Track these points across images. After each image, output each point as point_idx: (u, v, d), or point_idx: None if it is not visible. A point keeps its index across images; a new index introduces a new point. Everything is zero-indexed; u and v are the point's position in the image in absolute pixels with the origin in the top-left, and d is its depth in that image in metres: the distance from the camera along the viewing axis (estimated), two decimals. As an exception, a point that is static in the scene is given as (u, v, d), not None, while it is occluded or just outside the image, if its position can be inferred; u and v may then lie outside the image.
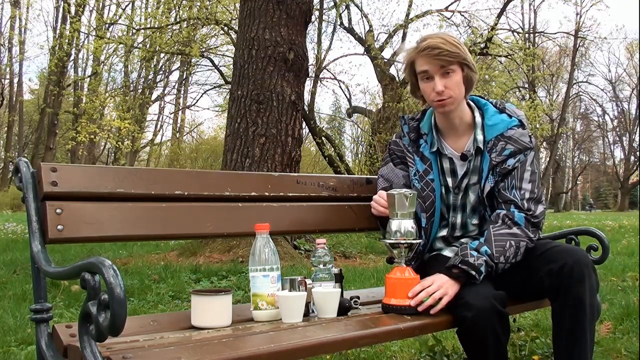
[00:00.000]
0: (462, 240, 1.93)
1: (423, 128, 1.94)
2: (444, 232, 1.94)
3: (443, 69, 1.77)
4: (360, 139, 21.17)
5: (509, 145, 1.83)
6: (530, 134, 1.87)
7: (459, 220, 1.93)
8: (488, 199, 1.86)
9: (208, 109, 45.95)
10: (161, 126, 29.88)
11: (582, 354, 1.68)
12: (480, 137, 1.87)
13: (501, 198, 1.82)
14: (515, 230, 1.76)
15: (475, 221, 1.92)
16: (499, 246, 1.72)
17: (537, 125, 13.77)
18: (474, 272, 1.66)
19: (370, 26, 15.90)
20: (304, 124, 10.29)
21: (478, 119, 1.88)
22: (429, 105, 1.89)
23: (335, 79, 16.47)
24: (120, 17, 17.15)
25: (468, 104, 1.91)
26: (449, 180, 1.90)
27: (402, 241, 1.69)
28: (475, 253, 1.69)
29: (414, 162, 1.92)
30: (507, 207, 1.80)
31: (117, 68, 20.82)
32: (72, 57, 21.37)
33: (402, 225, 1.70)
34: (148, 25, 14.16)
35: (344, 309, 1.67)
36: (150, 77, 22.15)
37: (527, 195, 1.80)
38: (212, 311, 1.55)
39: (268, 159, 5.92)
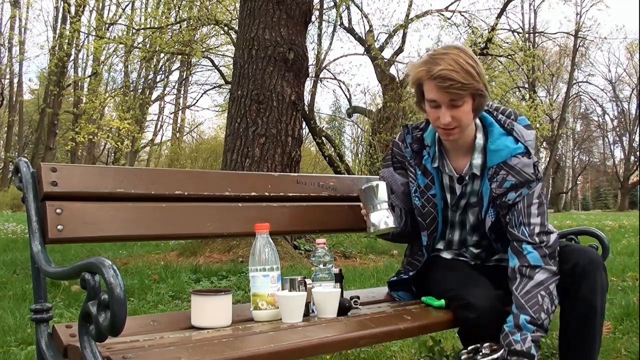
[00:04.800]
0: (467, 255, 1.90)
1: (427, 139, 1.84)
2: (440, 245, 1.93)
3: (453, 101, 1.65)
4: (360, 139, 21.15)
5: (510, 176, 1.71)
6: (536, 162, 1.74)
7: (456, 237, 1.90)
8: (492, 231, 1.79)
9: (208, 109, 46.01)
10: (161, 126, 29.92)
11: (589, 354, 1.68)
12: (478, 161, 1.76)
13: (511, 236, 1.73)
14: (538, 276, 1.64)
15: (475, 238, 1.88)
16: (533, 305, 1.61)
17: (537, 125, 13.76)
18: None
19: (371, 26, 15.91)
20: (304, 124, 10.29)
21: (480, 140, 1.77)
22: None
23: (335, 79, 16.50)
24: (120, 17, 17.18)
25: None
26: (448, 197, 1.85)
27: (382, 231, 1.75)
28: (517, 336, 1.58)
29: (415, 177, 1.85)
30: (518, 246, 1.69)
31: (117, 68, 20.84)
32: (72, 57, 21.37)
33: (377, 219, 1.74)
34: (148, 25, 14.15)
35: (344, 309, 1.67)
36: (150, 77, 22.15)
37: (536, 230, 1.69)
38: (212, 311, 1.55)
39: (268, 159, 5.92)
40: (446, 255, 1.92)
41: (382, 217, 1.75)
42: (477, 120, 1.79)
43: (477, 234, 1.86)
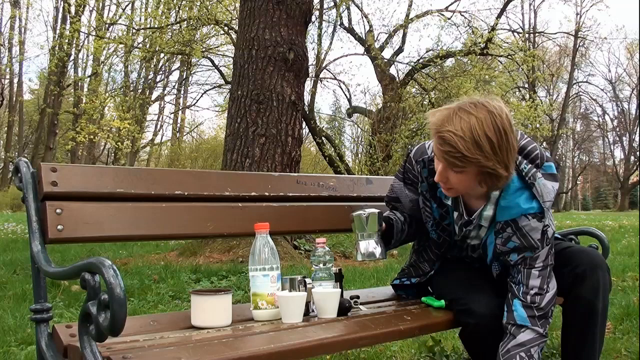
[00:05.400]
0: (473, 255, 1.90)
1: None
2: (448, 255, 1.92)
3: (450, 166, 1.50)
4: (360, 139, 21.17)
5: (515, 237, 1.61)
6: (546, 226, 1.61)
7: (462, 254, 1.89)
8: (499, 275, 1.76)
9: (208, 109, 46.01)
10: (161, 126, 29.92)
11: (591, 355, 1.68)
12: (489, 212, 1.65)
13: (508, 288, 1.68)
14: (521, 337, 1.57)
15: (476, 265, 1.86)
16: None
17: (537, 125, 13.76)
18: None
19: (371, 26, 15.92)
20: (304, 124, 10.29)
21: (495, 193, 1.62)
22: None
23: (335, 79, 16.52)
24: (120, 17, 17.17)
25: None
26: (456, 229, 1.79)
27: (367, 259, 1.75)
28: None
29: (431, 211, 1.77)
30: (510, 300, 1.64)
31: (117, 68, 20.82)
32: (72, 57, 21.36)
33: (363, 247, 1.75)
34: (148, 25, 14.16)
35: (344, 309, 1.66)
36: (150, 77, 22.17)
37: (532, 292, 1.62)
38: (212, 311, 1.55)
39: (268, 159, 5.91)
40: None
41: (369, 248, 1.76)
42: None
43: (477, 265, 1.85)
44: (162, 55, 17.15)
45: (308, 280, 1.70)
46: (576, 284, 1.65)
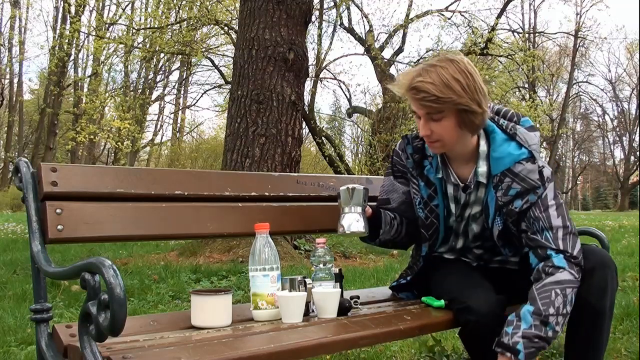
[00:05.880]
0: (469, 256, 1.90)
1: (428, 149, 1.79)
2: (443, 249, 1.92)
3: (430, 114, 1.61)
4: (360, 139, 21.17)
5: (515, 184, 1.67)
6: (541, 166, 1.68)
7: (460, 244, 1.89)
8: (499, 238, 1.77)
9: (208, 109, 46.00)
10: (161, 126, 29.90)
11: (595, 355, 1.67)
12: (483, 168, 1.72)
13: (533, 243, 1.67)
14: (558, 275, 1.59)
15: (477, 243, 1.87)
16: (543, 298, 1.57)
17: (537, 125, 13.77)
18: (509, 354, 1.53)
19: (371, 26, 15.93)
20: (304, 124, 10.29)
21: (483, 147, 1.71)
22: None
23: (336, 79, 16.53)
24: (120, 17, 17.18)
25: None
26: (452, 207, 1.82)
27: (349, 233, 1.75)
28: (510, 329, 1.55)
29: (418, 189, 1.82)
30: (542, 253, 1.64)
31: (117, 68, 20.79)
32: (72, 57, 21.36)
33: (346, 221, 1.75)
34: (148, 25, 14.16)
35: (344, 309, 1.66)
36: (150, 77, 22.16)
37: (560, 234, 1.64)
38: (212, 311, 1.55)
39: (268, 159, 5.92)
40: (448, 255, 1.91)
41: (352, 221, 1.74)
42: None
43: (480, 241, 1.85)
44: (162, 55, 17.16)
45: (308, 280, 1.71)
46: (583, 283, 1.64)
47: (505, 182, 1.68)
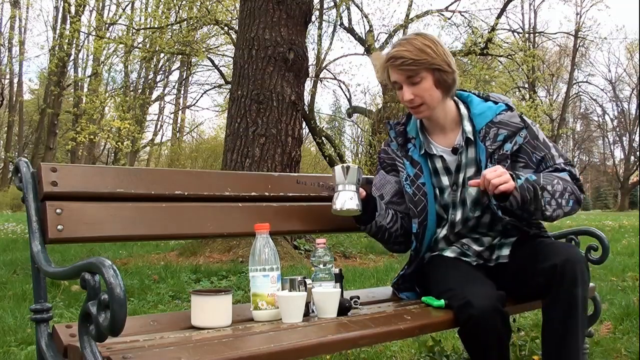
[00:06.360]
0: (463, 240, 1.91)
1: (410, 132, 1.92)
2: (444, 232, 1.92)
3: (410, 78, 1.77)
4: (360, 139, 21.19)
5: (501, 130, 1.81)
6: (520, 114, 1.87)
7: (459, 216, 1.89)
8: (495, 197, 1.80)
9: (208, 109, 46.01)
10: (161, 126, 29.89)
11: (573, 347, 1.67)
12: (468, 127, 1.85)
13: (536, 167, 1.83)
14: (563, 174, 1.79)
15: (477, 214, 1.88)
16: (546, 178, 1.74)
17: (537, 125, 13.76)
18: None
19: (371, 26, 15.92)
20: (304, 124, 10.29)
21: (464, 110, 1.88)
22: None
23: (336, 79, 16.55)
24: (120, 17, 17.17)
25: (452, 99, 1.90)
26: (444, 179, 1.88)
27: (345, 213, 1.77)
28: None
29: (404, 167, 1.90)
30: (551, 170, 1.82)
31: (117, 68, 20.81)
32: (72, 57, 21.37)
33: (340, 199, 1.77)
34: (148, 25, 14.16)
35: (344, 309, 1.66)
36: (150, 77, 22.16)
37: (562, 160, 1.83)
38: (212, 311, 1.55)
39: (268, 159, 5.92)
40: (448, 254, 1.92)
41: (346, 198, 1.76)
42: (455, 97, 1.90)
43: (479, 208, 1.86)
44: (162, 55, 17.16)
45: (308, 280, 1.71)
46: (556, 278, 1.65)
47: (492, 132, 1.82)
